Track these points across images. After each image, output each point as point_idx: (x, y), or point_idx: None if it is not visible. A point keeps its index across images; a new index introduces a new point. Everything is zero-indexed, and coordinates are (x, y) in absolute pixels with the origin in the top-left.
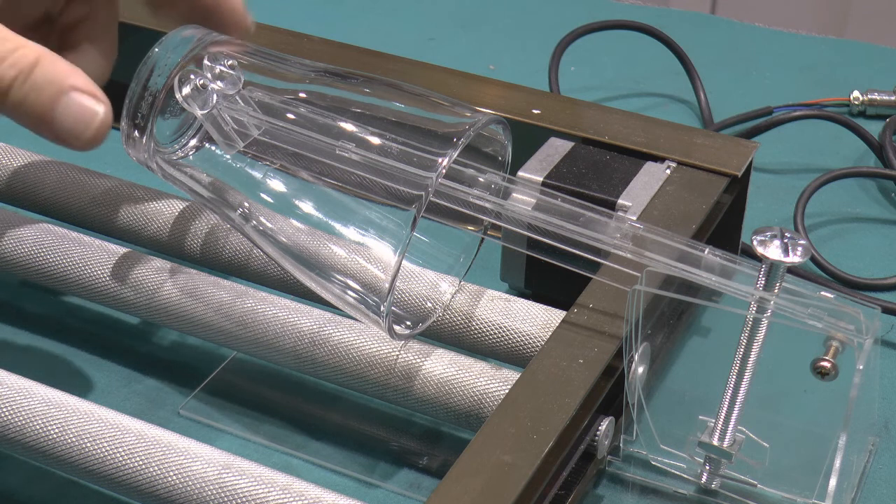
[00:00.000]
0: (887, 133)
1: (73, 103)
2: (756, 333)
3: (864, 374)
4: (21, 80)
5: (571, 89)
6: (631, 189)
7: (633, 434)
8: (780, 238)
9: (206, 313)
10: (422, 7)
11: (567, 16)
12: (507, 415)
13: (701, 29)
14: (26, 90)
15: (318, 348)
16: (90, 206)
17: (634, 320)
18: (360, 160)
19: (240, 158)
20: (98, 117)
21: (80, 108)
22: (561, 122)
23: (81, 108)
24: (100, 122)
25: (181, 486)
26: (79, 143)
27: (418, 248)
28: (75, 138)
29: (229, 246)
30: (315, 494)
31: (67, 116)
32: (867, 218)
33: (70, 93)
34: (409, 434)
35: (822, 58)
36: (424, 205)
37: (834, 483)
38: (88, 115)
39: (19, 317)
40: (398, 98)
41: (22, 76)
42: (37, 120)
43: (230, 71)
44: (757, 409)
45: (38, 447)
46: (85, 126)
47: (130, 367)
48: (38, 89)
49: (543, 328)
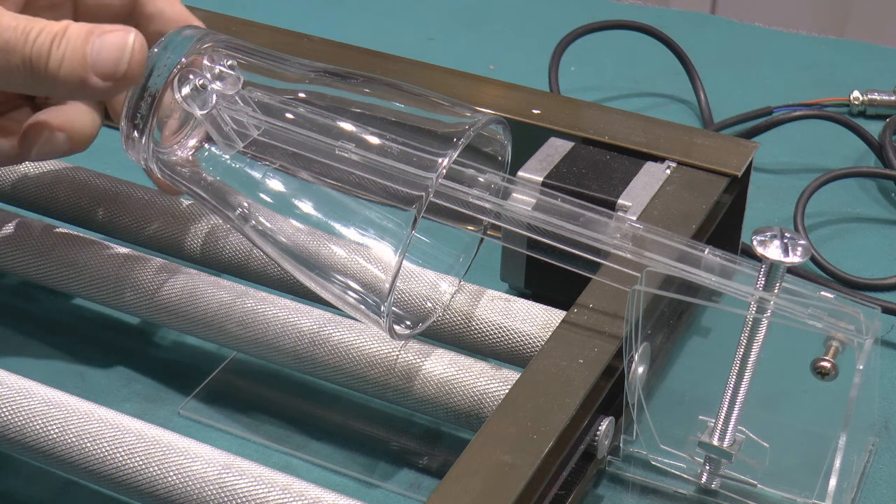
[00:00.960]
0: (887, 133)
1: (106, 39)
2: (756, 333)
3: (864, 374)
4: (56, 44)
5: (571, 89)
6: (631, 189)
7: (633, 434)
8: (780, 238)
9: (205, 313)
10: (422, 7)
11: (567, 16)
12: (507, 415)
13: (701, 29)
14: (63, 47)
15: (318, 348)
16: (90, 206)
17: (634, 320)
18: (360, 160)
19: (240, 159)
20: (129, 42)
21: (112, 40)
22: (561, 122)
23: (113, 40)
24: (132, 45)
25: (181, 486)
26: (120, 71)
27: (417, 248)
28: (116, 68)
29: (229, 246)
30: (315, 494)
31: (104, 52)
32: (867, 218)
33: (101, 35)
34: (410, 434)
35: (822, 58)
36: (425, 205)
37: (834, 483)
38: (121, 43)
39: (19, 317)
40: (398, 98)
41: (57, 39)
42: (78, 70)
43: (229, 71)
44: (757, 409)
45: (38, 447)
46: (121, 53)
47: (130, 367)
48: (73, 43)
49: (543, 328)
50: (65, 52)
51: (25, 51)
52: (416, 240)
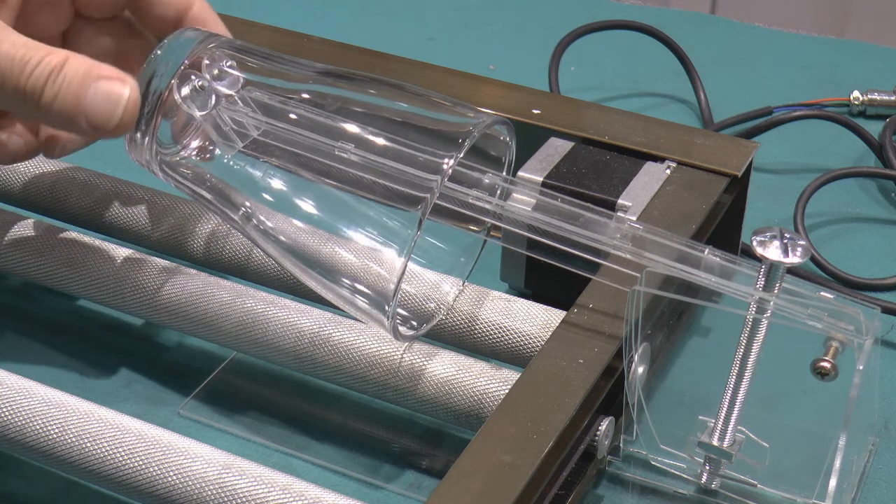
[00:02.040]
0: (887, 133)
1: (101, 88)
2: (756, 334)
3: (863, 374)
4: (53, 78)
5: (571, 89)
6: (631, 189)
7: (633, 434)
8: (780, 238)
9: (206, 314)
10: (422, 7)
11: (567, 16)
12: (507, 415)
13: (701, 29)
14: (59, 84)
15: (318, 348)
16: (90, 206)
17: (634, 320)
18: (364, 162)
19: (243, 159)
20: (124, 97)
21: (108, 90)
22: (561, 122)
23: (109, 90)
24: (127, 101)
25: (181, 486)
26: (110, 125)
27: (419, 248)
28: (107, 120)
29: (229, 246)
30: (315, 494)
31: (97, 100)
32: (867, 218)
33: (98, 80)
34: (410, 434)
35: (822, 58)
36: (430, 207)
37: (834, 483)
38: (115, 96)
39: (20, 317)
40: (400, 98)
41: (54, 74)
42: (70, 111)
43: (230, 71)
44: (757, 409)
45: (38, 447)
46: (114, 107)
47: (130, 367)
48: (69, 82)
49: (543, 328)
50: (59, 89)
51: (20, 81)
52: (418, 240)
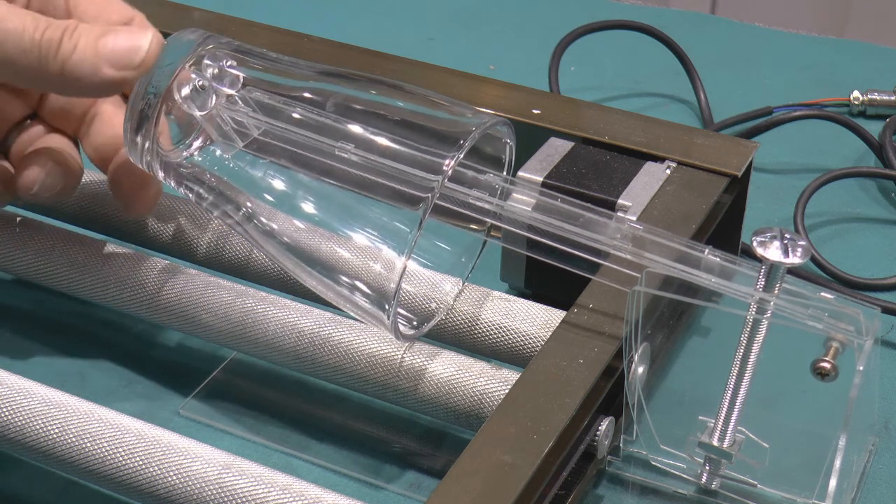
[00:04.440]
0: (887, 133)
1: (121, 32)
2: (756, 334)
3: (864, 374)
4: (68, 35)
5: (571, 89)
6: (631, 189)
7: (633, 434)
8: (780, 239)
9: (206, 313)
10: (422, 7)
11: (567, 16)
12: (507, 415)
13: (701, 29)
14: (76, 36)
15: (319, 348)
16: (91, 206)
17: (634, 321)
18: (364, 162)
19: (244, 159)
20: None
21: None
22: (561, 122)
23: (129, 33)
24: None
25: (181, 486)
26: (136, 61)
27: (419, 248)
28: (131, 59)
29: (229, 246)
30: (315, 494)
31: (119, 43)
32: (867, 218)
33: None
34: (410, 434)
35: (822, 58)
36: (430, 206)
37: (834, 483)
38: (136, 37)
39: (19, 317)
40: (400, 98)
41: (68, 32)
42: (91, 60)
43: (230, 71)
44: (757, 409)
45: (38, 447)
46: (138, 44)
47: (130, 367)
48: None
49: (543, 328)
50: (77, 40)
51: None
52: (418, 240)
